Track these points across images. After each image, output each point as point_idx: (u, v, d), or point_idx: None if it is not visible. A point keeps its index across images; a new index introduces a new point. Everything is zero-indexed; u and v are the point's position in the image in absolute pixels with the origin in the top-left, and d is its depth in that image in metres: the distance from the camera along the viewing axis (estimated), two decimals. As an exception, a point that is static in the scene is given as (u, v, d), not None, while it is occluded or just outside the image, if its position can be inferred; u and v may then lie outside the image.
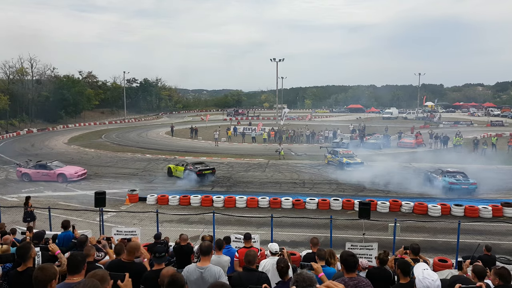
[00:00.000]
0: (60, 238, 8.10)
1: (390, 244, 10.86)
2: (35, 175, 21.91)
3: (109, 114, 78.29)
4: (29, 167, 22.31)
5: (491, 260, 7.64)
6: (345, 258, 4.05)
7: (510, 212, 15.62)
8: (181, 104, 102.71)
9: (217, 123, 53.78)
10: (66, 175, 21.88)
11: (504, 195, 18.54)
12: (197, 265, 4.51)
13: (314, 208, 16.66)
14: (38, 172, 21.94)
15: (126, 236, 9.77)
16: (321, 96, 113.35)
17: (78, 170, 22.83)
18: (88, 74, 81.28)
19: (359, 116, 72.57)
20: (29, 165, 22.62)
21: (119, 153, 32.81)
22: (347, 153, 26.36)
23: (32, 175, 21.91)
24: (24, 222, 13.29)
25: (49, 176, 21.90)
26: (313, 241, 6.68)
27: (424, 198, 17.95)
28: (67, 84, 64.92)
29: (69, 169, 22.89)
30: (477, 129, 49.25)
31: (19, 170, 22.32)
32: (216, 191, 19.67)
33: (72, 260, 3.58)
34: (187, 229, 13.36)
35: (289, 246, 12.18)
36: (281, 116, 52.30)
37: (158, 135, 47.61)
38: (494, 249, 8.48)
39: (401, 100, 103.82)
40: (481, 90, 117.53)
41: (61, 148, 36.45)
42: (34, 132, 50.96)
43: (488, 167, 23.62)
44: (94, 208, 12.17)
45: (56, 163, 23.13)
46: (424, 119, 63.16)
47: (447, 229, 13.37)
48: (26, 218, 13.44)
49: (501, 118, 64.36)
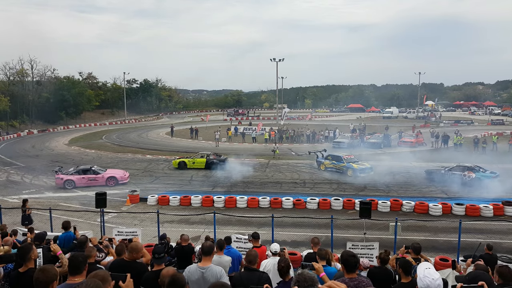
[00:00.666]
0: (61, 239, 8.09)
1: (391, 243, 10.85)
2: (80, 181, 20.95)
3: (110, 115, 78.36)
4: (72, 173, 21.21)
5: (493, 259, 7.63)
6: (345, 258, 4.04)
7: (511, 210, 15.61)
8: (181, 104, 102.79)
9: (217, 124, 53.80)
10: (117, 178, 21.35)
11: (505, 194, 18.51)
12: (198, 265, 4.52)
13: (315, 208, 16.65)
14: (83, 177, 21.06)
15: (127, 236, 9.78)
16: (321, 95, 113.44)
17: (124, 173, 22.32)
18: (88, 75, 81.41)
19: (360, 116, 72.59)
20: (69, 171, 21.49)
21: (119, 154, 32.83)
22: (350, 157, 24.11)
23: (77, 181, 20.90)
24: (23, 225, 13.27)
25: (97, 181, 21.08)
26: (314, 241, 6.68)
27: (425, 197, 17.95)
28: (67, 85, 64.96)
29: (117, 172, 22.29)
30: (478, 128, 49.20)
31: (60, 177, 20.90)
32: (216, 191, 19.67)
33: (73, 261, 3.58)
34: (188, 229, 13.37)
35: (290, 246, 12.19)
36: (281, 116, 52.33)
37: (159, 136, 47.64)
38: (495, 248, 8.47)
39: (401, 99, 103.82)
40: (481, 89, 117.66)
41: (61, 149, 36.48)
42: (34, 133, 51.00)
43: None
44: (95, 209, 12.17)
45: (96, 167, 22.24)
46: (424, 118, 63.17)
47: (448, 228, 13.36)
48: (24, 222, 13.41)
49: (502, 116, 64.36)
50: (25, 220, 13.38)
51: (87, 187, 20.58)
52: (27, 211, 13.41)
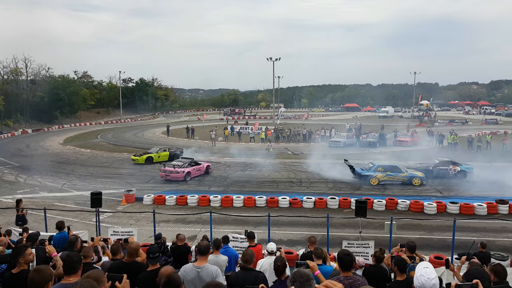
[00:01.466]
0: (55, 239, 8.05)
1: (387, 242, 10.92)
2: (194, 172, 22.61)
3: (105, 114, 77.96)
4: (186, 166, 22.23)
5: (486, 257, 7.71)
6: (340, 257, 4.07)
7: (504, 209, 15.75)
8: (177, 103, 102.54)
9: (213, 123, 53.72)
10: (210, 167, 24.27)
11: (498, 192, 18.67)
12: (194, 265, 4.51)
13: (311, 207, 16.70)
14: (194, 168, 22.63)
15: (123, 236, 9.75)
16: (317, 95, 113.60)
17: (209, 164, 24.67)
18: (83, 74, 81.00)
19: (356, 115, 72.78)
20: (181, 165, 22.27)
21: (115, 153, 32.69)
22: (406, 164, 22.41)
23: (192, 172, 22.43)
24: (17, 225, 13.17)
25: (200, 171, 23.20)
26: (311, 240, 6.70)
27: (420, 196, 18.05)
28: (62, 84, 64.52)
29: (207, 163, 24.52)
30: (472, 127, 49.54)
31: (182, 170, 21.75)
32: (213, 190, 19.66)
33: (68, 261, 3.57)
34: (184, 229, 13.34)
35: (287, 245, 12.22)
36: (277, 115, 52.36)
37: (154, 135, 47.48)
38: (489, 246, 8.55)
39: (397, 98, 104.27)
40: (475, 89, 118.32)
41: (56, 149, 36.26)
42: (29, 133, 50.65)
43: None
44: (90, 209, 12.10)
45: (195, 159, 24.43)
46: (419, 117, 63.51)
47: (443, 227, 13.47)
48: (18, 222, 13.31)
49: (496, 116, 64.80)
50: (19, 220, 13.28)
51: (196, 177, 22.65)
52: (19, 211, 13.31)
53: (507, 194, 17.54)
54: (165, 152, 28.86)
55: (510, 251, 11.03)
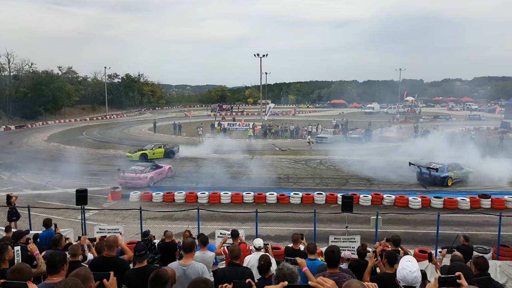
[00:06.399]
0: (42, 237, 7.95)
1: (373, 236, 11.08)
2: (156, 176, 20.81)
3: (90, 111, 76.63)
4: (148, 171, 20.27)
5: (469, 250, 7.89)
6: (326, 253, 4.12)
7: (487, 203, 16.14)
8: (164, 100, 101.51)
9: (201, 119, 53.39)
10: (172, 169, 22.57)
11: (481, 187, 19.10)
12: (180, 263, 4.49)
13: (298, 202, 16.81)
14: (156, 172, 20.82)
15: (109, 234, 9.64)
16: (304, 91, 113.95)
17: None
18: (68, 69, 79.45)
19: (342, 111, 73.36)
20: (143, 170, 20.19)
21: (100, 150, 32.23)
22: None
23: (155, 176, 20.62)
24: (9, 221, 12.87)
25: (162, 174, 21.45)
26: (294, 238, 6.72)
27: (405, 191, 18.36)
28: (46, 80, 62.99)
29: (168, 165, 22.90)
30: (456, 123, 50.49)
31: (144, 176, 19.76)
32: (200, 187, 19.58)
33: (50, 260, 3.51)
34: (171, 225, 13.29)
35: (274, 240, 12.29)
36: (265, 111, 52.35)
37: (141, 132, 46.97)
38: (471, 239, 8.74)
39: (382, 95, 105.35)
40: (459, 85, 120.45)
41: (40, 146, 35.53)
42: (12, 130, 49.44)
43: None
44: (76, 206, 11.93)
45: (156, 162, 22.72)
46: (405, 113, 64.40)
47: (427, 221, 13.72)
48: (11, 218, 13.05)
49: (479, 112, 66.13)
50: (13, 216, 13.05)
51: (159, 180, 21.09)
52: (12, 202, 13.12)
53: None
54: (160, 149, 27.67)
55: (492, 244, 11.31)
